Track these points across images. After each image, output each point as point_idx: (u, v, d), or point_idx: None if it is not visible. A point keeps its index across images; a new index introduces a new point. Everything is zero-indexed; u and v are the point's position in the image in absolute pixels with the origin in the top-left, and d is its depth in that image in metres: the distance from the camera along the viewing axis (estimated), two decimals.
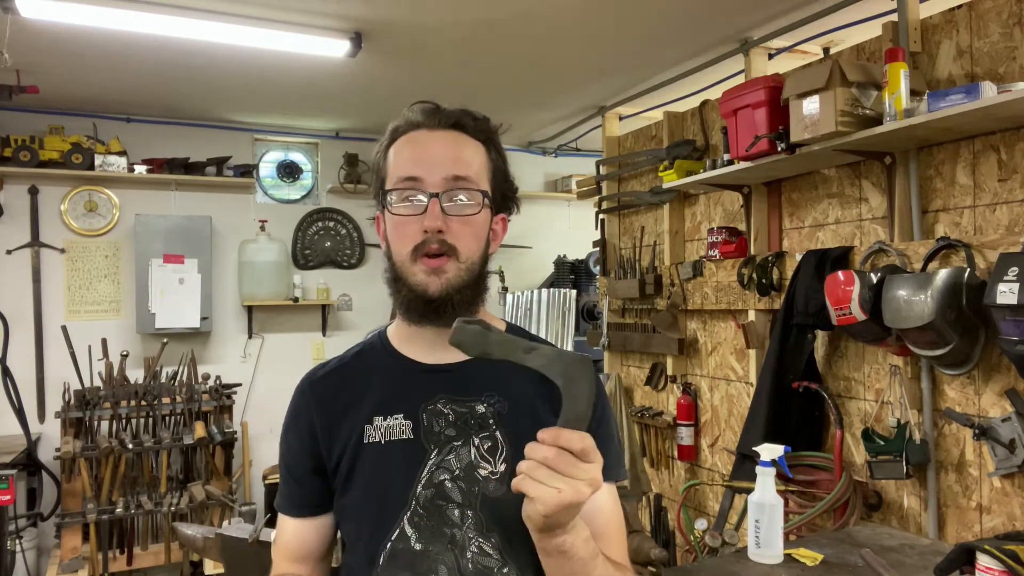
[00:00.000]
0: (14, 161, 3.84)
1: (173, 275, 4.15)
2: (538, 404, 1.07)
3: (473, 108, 1.11)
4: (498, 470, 1.02)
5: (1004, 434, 2.00)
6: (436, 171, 1.01)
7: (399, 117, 1.09)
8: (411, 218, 1.02)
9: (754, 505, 1.61)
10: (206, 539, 2.30)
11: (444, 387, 1.07)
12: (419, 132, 1.06)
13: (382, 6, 2.67)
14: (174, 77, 3.51)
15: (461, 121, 1.06)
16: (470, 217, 1.03)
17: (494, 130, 1.11)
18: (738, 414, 3.02)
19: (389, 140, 1.08)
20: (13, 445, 3.61)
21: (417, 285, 1.02)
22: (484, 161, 1.07)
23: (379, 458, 1.04)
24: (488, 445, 1.04)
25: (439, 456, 1.03)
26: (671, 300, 3.27)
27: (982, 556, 1.29)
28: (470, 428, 1.04)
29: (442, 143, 1.05)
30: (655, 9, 2.73)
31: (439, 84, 3.61)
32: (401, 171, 1.03)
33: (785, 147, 2.40)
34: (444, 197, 1.01)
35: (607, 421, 1.11)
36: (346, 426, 1.07)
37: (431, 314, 1.03)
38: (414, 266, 1.02)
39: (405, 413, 1.05)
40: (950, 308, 1.97)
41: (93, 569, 3.50)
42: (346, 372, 1.13)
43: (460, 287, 1.02)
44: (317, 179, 4.82)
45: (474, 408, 1.05)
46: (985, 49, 2.10)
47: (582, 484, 0.81)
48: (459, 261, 1.02)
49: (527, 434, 1.04)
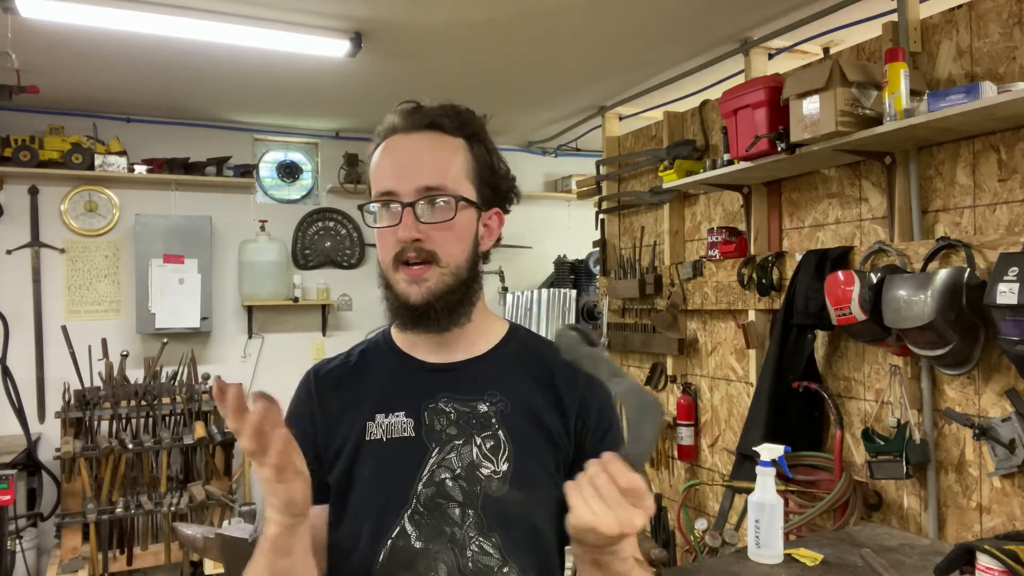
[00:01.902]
0: (14, 161, 3.84)
1: (173, 275, 4.15)
2: (540, 405, 1.07)
3: (474, 107, 1.09)
4: (500, 469, 1.02)
5: (1004, 434, 2.00)
6: (409, 181, 1.01)
7: (384, 119, 1.08)
8: (389, 229, 1.02)
9: (754, 505, 1.61)
10: (206, 539, 2.30)
11: (446, 386, 1.06)
12: (395, 137, 1.05)
13: (382, 6, 2.67)
14: (174, 77, 3.51)
15: (437, 121, 1.04)
16: (448, 222, 1.02)
17: (479, 124, 1.08)
18: (738, 414, 3.02)
19: (375, 144, 1.08)
20: (13, 445, 3.61)
21: (401, 294, 1.02)
22: (465, 159, 1.05)
23: (380, 455, 1.04)
24: (491, 444, 1.03)
25: (440, 455, 1.03)
26: (671, 300, 3.27)
27: (982, 556, 1.29)
28: (472, 427, 1.04)
29: (416, 150, 1.03)
30: (655, 9, 2.73)
31: (439, 84, 3.61)
32: (378, 184, 1.04)
33: (785, 147, 2.40)
34: (418, 206, 1.00)
35: (616, 426, 1.11)
36: (347, 422, 1.07)
37: (415, 321, 1.04)
38: (396, 274, 1.03)
39: (407, 411, 1.05)
40: (950, 308, 1.97)
41: (93, 569, 3.49)
42: (350, 368, 1.13)
43: (443, 293, 1.02)
44: (317, 179, 4.82)
45: (476, 407, 1.05)
46: (985, 49, 2.10)
47: (635, 515, 0.78)
48: (441, 267, 1.02)
49: (529, 434, 1.05)
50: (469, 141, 1.06)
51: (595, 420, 1.08)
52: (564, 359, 0.99)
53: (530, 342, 1.15)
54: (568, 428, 1.07)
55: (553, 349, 1.14)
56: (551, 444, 1.06)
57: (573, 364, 0.91)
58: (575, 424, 1.07)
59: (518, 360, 1.11)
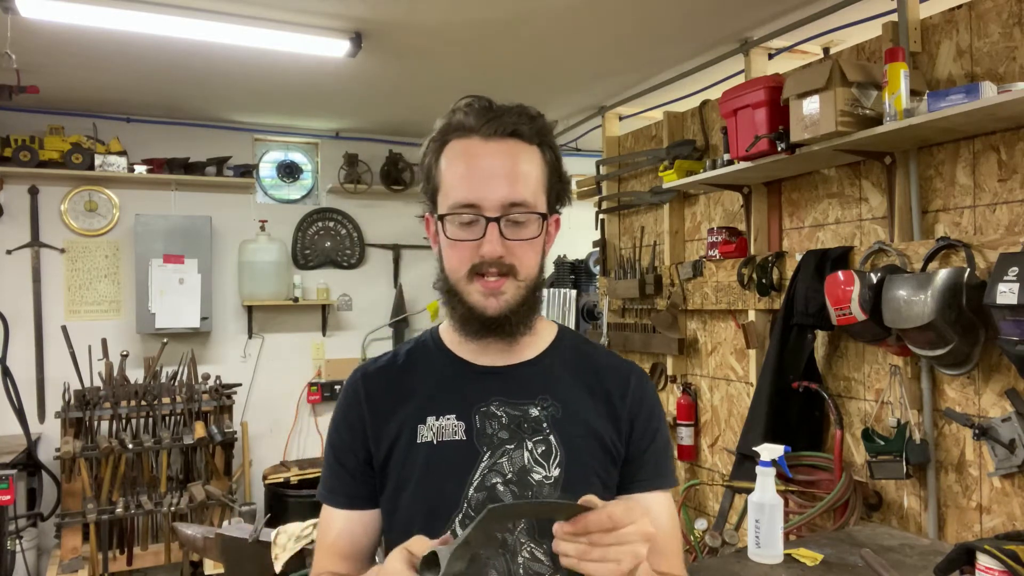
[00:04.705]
0: (14, 161, 3.84)
1: (173, 275, 4.15)
2: (590, 409, 1.06)
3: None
4: (552, 475, 1.01)
5: (1004, 434, 2.00)
6: (494, 194, 0.97)
7: (449, 113, 1.03)
8: (467, 243, 0.99)
9: (754, 505, 1.61)
10: (206, 539, 2.30)
11: (498, 389, 1.05)
12: (472, 142, 1.00)
13: (382, 6, 2.67)
14: (174, 77, 3.51)
15: (518, 129, 1.00)
16: (532, 240, 1.00)
17: (549, 128, 1.05)
18: (738, 414, 3.02)
19: (440, 142, 1.03)
20: (13, 445, 3.60)
21: (475, 305, 1.00)
22: (541, 169, 1.02)
23: (431, 458, 1.02)
24: (542, 449, 1.02)
25: (491, 459, 1.02)
26: (671, 300, 3.27)
27: (982, 556, 1.29)
28: (523, 431, 1.03)
29: (499, 159, 0.99)
30: (655, 9, 2.73)
31: (439, 84, 3.61)
32: (457, 195, 0.99)
33: (785, 147, 2.40)
34: (503, 222, 0.97)
35: (663, 429, 1.10)
36: (395, 423, 1.05)
37: (487, 331, 1.02)
38: (470, 285, 1.00)
39: (457, 414, 1.04)
40: (950, 308, 1.97)
41: (93, 569, 3.50)
42: (398, 369, 1.11)
43: (518, 306, 1.01)
44: (317, 179, 4.82)
45: (527, 411, 1.04)
46: (985, 49, 2.10)
47: (635, 546, 0.79)
48: (518, 280, 1.00)
49: (580, 439, 1.04)
50: (542, 148, 1.04)
51: (644, 423, 1.08)
52: (612, 361, 0.97)
53: (579, 346, 1.14)
54: (619, 433, 1.06)
55: (602, 351, 1.16)
56: (602, 449, 1.05)
57: (622, 366, 0.89)
58: (626, 428, 1.07)
59: (568, 364, 1.10)
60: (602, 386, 1.08)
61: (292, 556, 2.09)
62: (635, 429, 1.07)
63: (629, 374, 1.11)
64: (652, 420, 1.09)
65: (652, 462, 1.08)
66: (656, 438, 1.08)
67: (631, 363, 1.15)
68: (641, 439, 1.07)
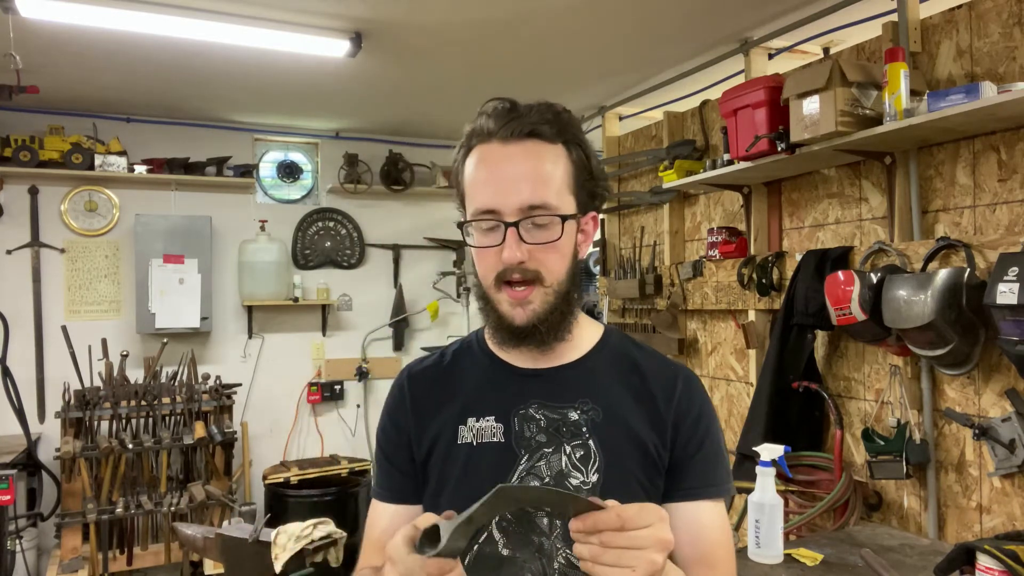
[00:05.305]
0: (14, 161, 3.84)
1: (173, 275, 4.15)
2: (633, 414, 1.03)
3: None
4: (590, 480, 0.99)
5: (1004, 434, 2.00)
6: (511, 199, 0.95)
7: (475, 117, 1.02)
8: (491, 249, 0.98)
9: (754, 505, 1.61)
10: (206, 539, 2.30)
11: (537, 392, 1.04)
12: (491, 146, 0.99)
13: (382, 6, 2.67)
14: (174, 77, 3.51)
15: (536, 129, 0.98)
16: (554, 243, 0.98)
17: (576, 124, 1.02)
18: (738, 414, 3.02)
19: (466, 148, 1.02)
20: (13, 445, 3.60)
21: (505, 315, 1.00)
22: (565, 168, 0.99)
23: (470, 460, 1.02)
24: (580, 454, 1.01)
25: (529, 462, 1.01)
26: (671, 300, 3.27)
27: (982, 556, 1.29)
28: (562, 435, 1.02)
29: (517, 162, 0.97)
30: (655, 9, 2.73)
31: (439, 84, 3.62)
32: (476, 201, 0.98)
33: (785, 147, 2.40)
34: (522, 226, 0.96)
35: (713, 434, 1.06)
36: (436, 424, 1.06)
37: (519, 341, 1.02)
38: (499, 294, 1.00)
39: (497, 416, 1.04)
40: (950, 308, 1.97)
41: (93, 569, 3.50)
42: (442, 370, 1.12)
43: (546, 314, 0.99)
44: (317, 179, 4.82)
45: (567, 415, 1.03)
46: (985, 49, 2.10)
47: (650, 553, 0.77)
48: (545, 286, 0.98)
49: (621, 444, 1.01)
50: (568, 146, 1.00)
51: (690, 429, 1.04)
52: (659, 363, 0.95)
53: (625, 347, 1.11)
54: (664, 438, 1.03)
55: (649, 353, 1.12)
56: (643, 455, 1.02)
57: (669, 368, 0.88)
58: (670, 434, 1.03)
59: (611, 367, 1.07)
60: (647, 389, 1.05)
61: (292, 556, 2.09)
62: (680, 434, 1.03)
63: (676, 377, 1.07)
64: (700, 425, 1.04)
65: (700, 469, 1.03)
66: (704, 444, 1.04)
67: (679, 365, 1.12)
68: (687, 445, 1.03)
